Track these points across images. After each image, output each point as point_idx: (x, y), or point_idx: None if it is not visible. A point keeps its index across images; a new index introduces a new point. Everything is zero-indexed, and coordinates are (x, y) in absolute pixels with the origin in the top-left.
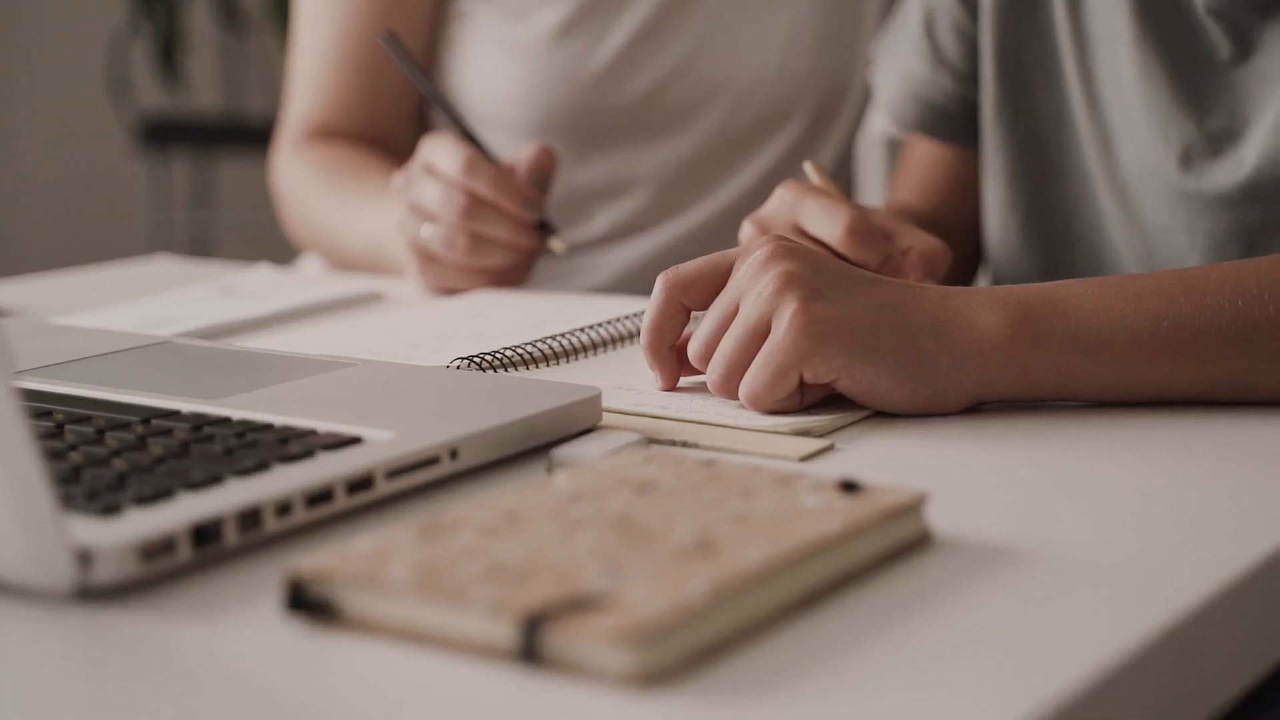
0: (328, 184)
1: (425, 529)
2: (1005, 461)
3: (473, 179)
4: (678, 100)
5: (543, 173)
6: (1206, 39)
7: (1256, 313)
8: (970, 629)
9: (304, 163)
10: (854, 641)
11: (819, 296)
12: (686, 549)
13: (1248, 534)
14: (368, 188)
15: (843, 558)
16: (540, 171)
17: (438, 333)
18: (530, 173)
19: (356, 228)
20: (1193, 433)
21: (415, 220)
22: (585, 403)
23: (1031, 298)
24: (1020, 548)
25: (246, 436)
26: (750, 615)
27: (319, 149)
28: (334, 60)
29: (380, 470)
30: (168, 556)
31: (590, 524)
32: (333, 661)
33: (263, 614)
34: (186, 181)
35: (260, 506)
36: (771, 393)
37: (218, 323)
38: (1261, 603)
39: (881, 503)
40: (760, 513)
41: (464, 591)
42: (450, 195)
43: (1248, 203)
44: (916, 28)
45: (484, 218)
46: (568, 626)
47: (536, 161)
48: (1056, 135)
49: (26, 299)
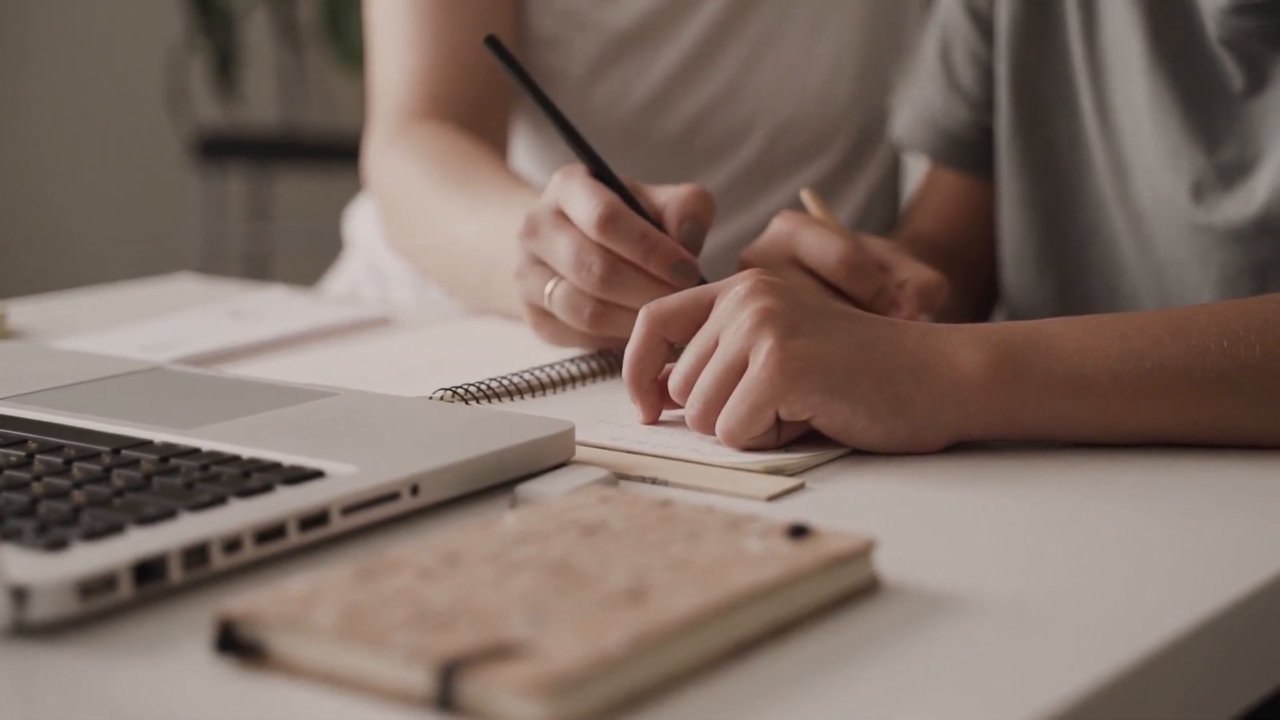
0: (431, 176)
1: (362, 570)
2: (978, 504)
3: (614, 238)
4: (718, 131)
5: (698, 223)
6: (1219, 70)
7: (1243, 354)
8: (906, 678)
9: (400, 151)
10: (785, 692)
11: (796, 333)
12: (616, 596)
13: (1203, 585)
14: (480, 187)
15: (780, 605)
16: (694, 221)
17: (433, 361)
18: (682, 223)
19: (466, 230)
20: (1180, 477)
21: (538, 275)
22: (556, 437)
23: (1014, 336)
24: (972, 594)
25: (210, 469)
26: (676, 665)
27: (416, 134)
28: (414, 37)
29: (336, 506)
30: (108, 594)
31: (528, 567)
32: (257, 705)
33: (195, 654)
34: (243, 196)
35: (208, 543)
36: (747, 429)
37: (221, 347)
38: (1214, 655)
39: (827, 549)
40: (701, 558)
41: (384, 637)
42: (584, 257)
43: (1259, 237)
44: (932, 55)
45: (623, 286)
46: (483, 675)
47: (690, 209)
48: (1071, 163)
49: (42, 319)
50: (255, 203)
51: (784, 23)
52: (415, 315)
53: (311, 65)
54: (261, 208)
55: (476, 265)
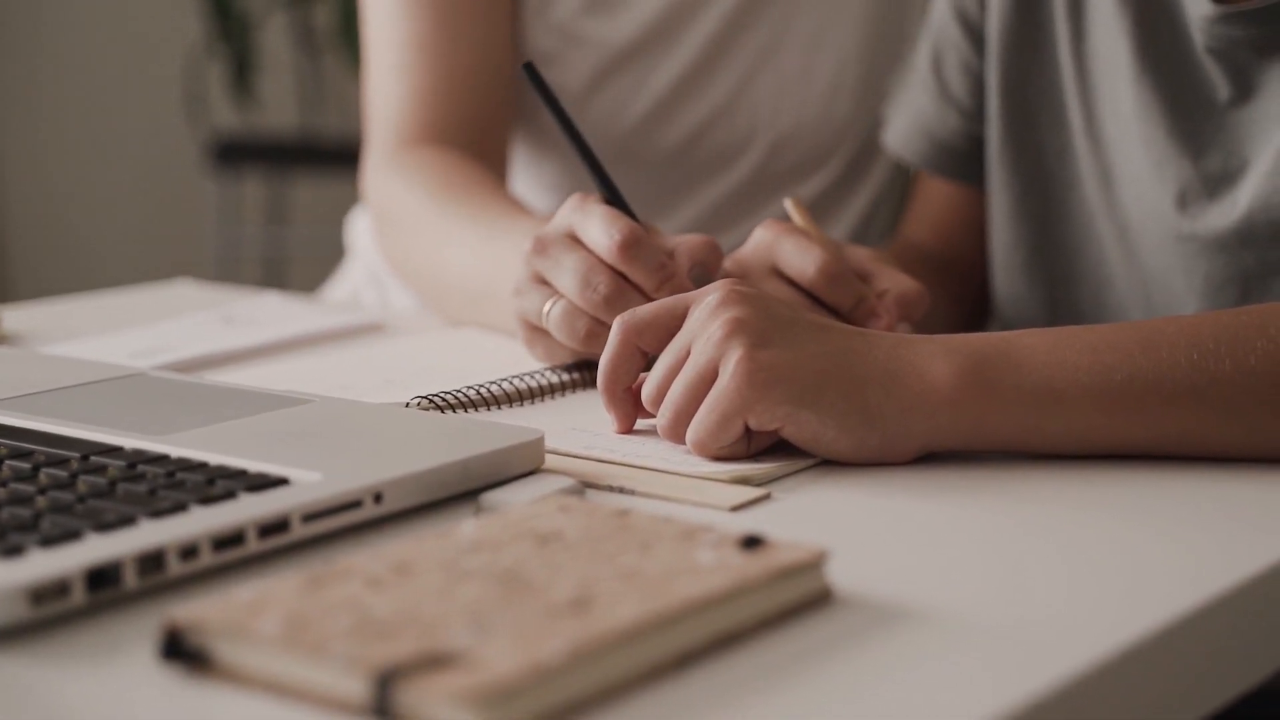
0: (427, 200)
1: (311, 579)
2: (944, 516)
3: (634, 264)
4: (717, 144)
5: (706, 270)
6: (1205, 79)
7: (1212, 367)
8: (849, 688)
9: (397, 174)
10: (727, 701)
11: (766, 343)
12: (560, 605)
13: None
14: (476, 212)
15: (726, 616)
16: (704, 268)
17: (421, 368)
18: (692, 268)
19: (459, 257)
20: (1146, 490)
21: (539, 293)
22: (524, 446)
23: (984, 348)
24: (925, 605)
25: (176, 476)
26: (617, 675)
27: (414, 158)
28: (412, 60)
29: (297, 514)
30: (61, 600)
31: (476, 577)
32: (200, 713)
33: (144, 662)
34: (259, 200)
35: (164, 550)
36: (716, 439)
37: (210, 352)
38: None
39: (777, 560)
40: (650, 568)
41: (324, 645)
42: (592, 277)
43: (1241, 247)
44: (925, 64)
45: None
46: (419, 684)
47: (700, 255)
48: (1061, 173)
49: (37, 324)
50: (272, 207)
51: (784, 36)
52: (412, 322)
53: (328, 71)
54: (278, 212)
55: (466, 293)
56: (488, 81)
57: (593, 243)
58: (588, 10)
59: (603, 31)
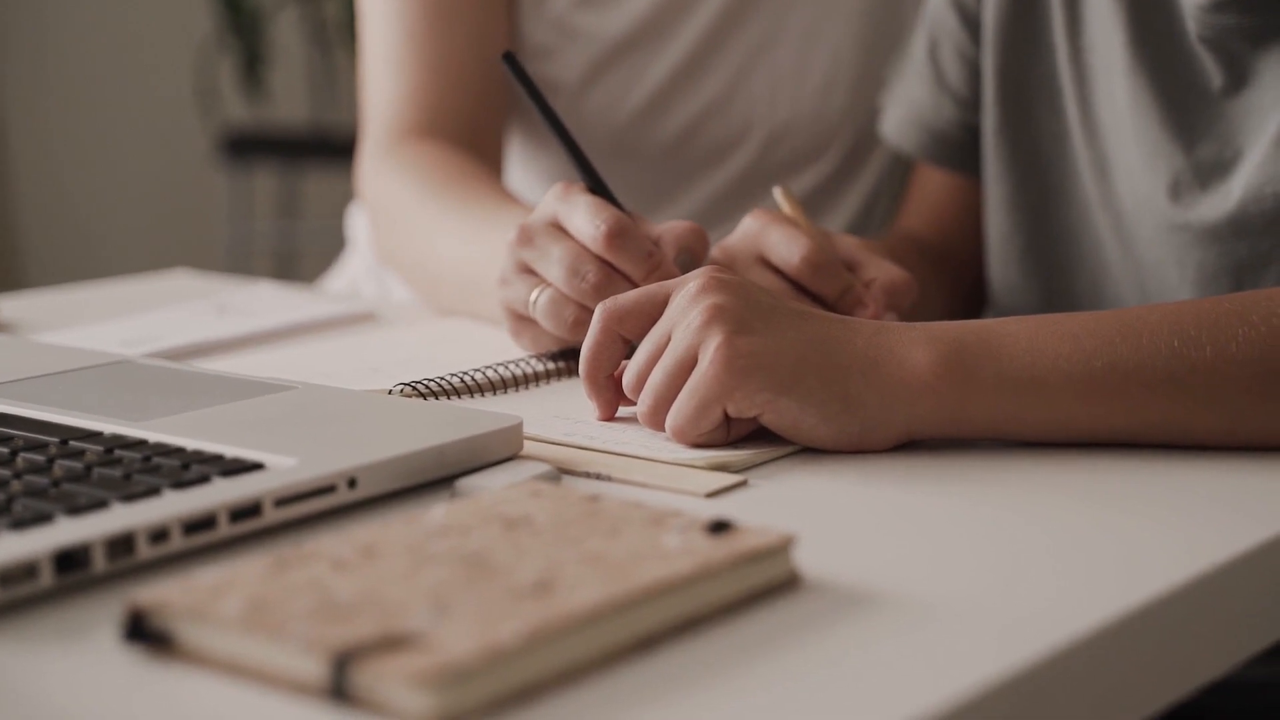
0: (421, 193)
1: (277, 561)
2: (919, 502)
3: (620, 253)
4: (713, 138)
5: (693, 256)
6: (1199, 69)
7: (1193, 355)
8: (810, 672)
9: (392, 168)
10: (687, 683)
11: (746, 330)
12: (522, 589)
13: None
14: (469, 204)
15: (689, 600)
16: (690, 254)
17: (408, 357)
18: (679, 255)
19: (450, 248)
20: (1124, 477)
21: (524, 282)
22: (501, 432)
23: (965, 335)
24: (892, 590)
25: (152, 460)
26: (576, 657)
27: (409, 151)
28: (407, 54)
29: (269, 498)
30: (29, 582)
31: (442, 560)
32: (161, 694)
33: (109, 644)
34: (270, 194)
35: (133, 533)
36: (695, 426)
37: (200, 340)
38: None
39: (742, 545)
40: (615, 553)
41: (283, 627)
42: (580, 265)
43: (1234, 237)
44: (921, 53)
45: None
46: (375, 665)
47: (686, 242)
48: (1057, 162)
49: (32, 312)
50: (282, 201)
51: (779, 30)
52: (407, 312)
53: (339, 64)
54: (288, 205)
55: (457, 284)
56: (482, 75)
57: (578, 232)
58: (583, 4)
59: (598, 25)
